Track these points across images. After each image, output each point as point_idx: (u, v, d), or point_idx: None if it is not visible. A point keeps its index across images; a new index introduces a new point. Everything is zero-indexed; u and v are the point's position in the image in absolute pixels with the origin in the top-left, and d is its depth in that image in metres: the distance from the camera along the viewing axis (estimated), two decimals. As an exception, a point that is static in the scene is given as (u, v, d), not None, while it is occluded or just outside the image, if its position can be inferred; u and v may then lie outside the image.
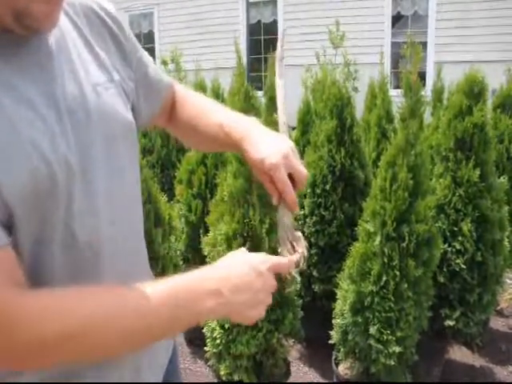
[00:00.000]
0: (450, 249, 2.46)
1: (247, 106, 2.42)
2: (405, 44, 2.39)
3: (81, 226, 0.74)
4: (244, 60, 8.18)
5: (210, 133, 1.00)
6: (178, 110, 1.06)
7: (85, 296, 0.68)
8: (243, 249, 0.83)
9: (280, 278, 0.80)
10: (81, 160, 0.74)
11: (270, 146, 0.89)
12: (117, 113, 0.83)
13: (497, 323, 3.27)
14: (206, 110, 1.04)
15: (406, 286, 1.97)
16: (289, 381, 2.30)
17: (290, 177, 0.88)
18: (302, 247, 0.83)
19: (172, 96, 1.07)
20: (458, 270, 2.43)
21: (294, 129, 4.50)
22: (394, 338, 1.94)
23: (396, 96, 4.38)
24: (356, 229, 2.27)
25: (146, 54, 1.01)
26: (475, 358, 2.91)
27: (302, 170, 0.89)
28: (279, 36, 1.03)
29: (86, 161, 0.75)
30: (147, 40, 10.46)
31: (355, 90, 7.14)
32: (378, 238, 2.05)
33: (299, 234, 0.85)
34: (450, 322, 2.42)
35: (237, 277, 0.76)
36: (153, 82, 1.00)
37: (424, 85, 7.51)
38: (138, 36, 10.48)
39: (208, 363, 2.22)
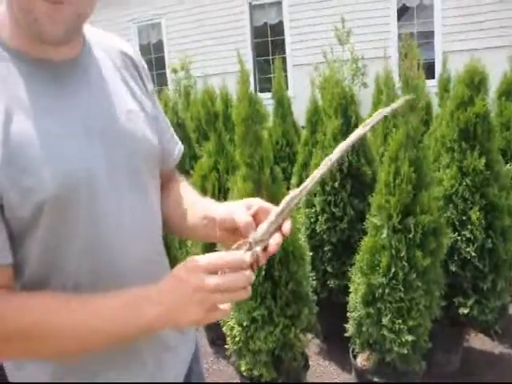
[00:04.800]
0: (459, 238, 2.51)
1: (252, 112, 2.49)
2: (411, 35, 2.45)
3: (105, 226, 0.84)
4: (250, 63, 8.25)
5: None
6: (163, 198, 1.07)
7: (47, 304, 0.78)
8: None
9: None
10: (107, 175, 0.85)
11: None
12: (144, 137, 0.93)
13: (515, 309, 3.29)
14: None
15: (414, 276, 2.03)
16: (309, 375, 2.38)
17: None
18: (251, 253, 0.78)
19: (171, 173, 1.12)
20: (468, 258, 2.48)
21: (303, 128, 4.57)
22: (406, 327, 2.01)
23: (404, 89, 4.42)
24: (365, 223, 2.34)
25: (161, 110, 1.10)
26: (494, 345, 2.94)
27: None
28: (399, 101, 0.96)
29: (112, 176, 0.86)
30: (156, 50, 10.61)
31: (364, 85, 7.22)
32: (385, 231, 2.12)
33: (258, 250, 0.79)
34: (465, 310, 2.47)
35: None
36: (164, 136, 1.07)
37: (433, 75, 7.50)
38: (147, 46, 10.64)
39: (230, 361, 2.31)
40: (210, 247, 2.90)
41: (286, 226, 0.84)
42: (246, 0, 8.89)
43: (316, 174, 0.86)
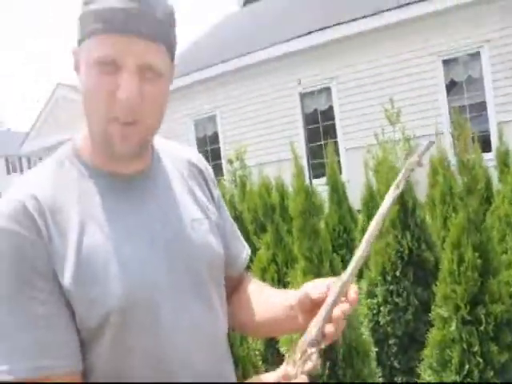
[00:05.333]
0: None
1: (309, 205, 2.53)
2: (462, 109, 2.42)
3: (167, 338, 0.86)
4: (303, 150, 8.38)
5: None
6: (235, 303, 1.08)
7: None
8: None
9: None
10: (170, 284, 0.88)
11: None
12: (207, 245, 0.97)
13: None
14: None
15: (491, 373, 1.89)
16: None
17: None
18: (311, 363, 0.79)
19: (240, 276, 1.13)
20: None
21: (359, 211, 4.55)
22: None
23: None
24: (431, 314, 2.23)
25: (228, 215, 1.14)
26: None
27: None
28: (420, 148, 0.94)
29: (174, 285, 0.89)
30: (212, 142, 11.08)
31: (419, 164, 7.16)
32: (454, 323, 2.01)
33: (314, 350, 0.80)
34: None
35: None
36: (231, 240, 1.10)
37: (490, 148, 7.36)
38: (203, 139, 11.14)
39: None
40: (270, 344, 2.85)
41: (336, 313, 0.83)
42: (297, 89, 9.25)
43: (359, 255, 0.86)
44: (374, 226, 0.87)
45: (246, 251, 1.14)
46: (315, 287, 0.90)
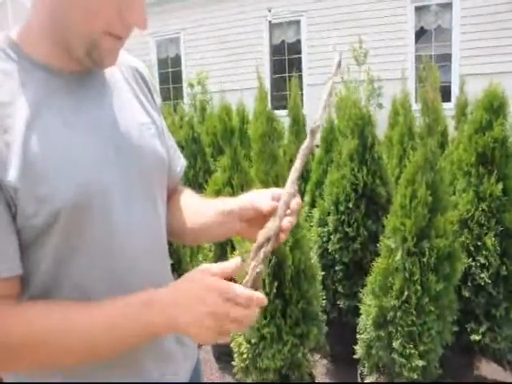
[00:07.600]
0: (474, 263, 2.48)
1: (269, 129, 2.50)
2: (428, 57, 2.45)
3: (117, 236, 0.85)
4: (267, 80, 8.28)
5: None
6: (169, 211, 1.07)
7: (51, 312, 0.79)
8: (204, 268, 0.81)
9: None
10: (121, 186, 0.86)
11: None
12: (155, 149, 0.96)
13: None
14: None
15: (427, 300, 2.01)
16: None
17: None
18: (263, 266, 0.80)
19: (175, 187, 1.12)
20: (482, 284, 2.44)
21: (317, 146, 4.57)
22: (416, 352, 1.98)
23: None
24: (379, 245, 2.32)
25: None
26: (506, 376, 2.88)
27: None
28: (337, 58, 0.98)
29: (125, 187, 0.87)
30: (174, 64, 10.72)
31: (380, 106, 7.23)
32: (399, 254, 2.10)
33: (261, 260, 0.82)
34: (476, 337, 2.43)
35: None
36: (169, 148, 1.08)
37: (449, 98, 7.50)
38: (165, 60, 10.76)
39: (236, 378, 2.29)
40: (220, 262, 2.90)
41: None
42: (266, 18, 8.98)
43: (298, 166, 0.88)
44: (308, 141, 0.90)
45: (182, 163, 1.14)
46: (262, 198, 0.91)
